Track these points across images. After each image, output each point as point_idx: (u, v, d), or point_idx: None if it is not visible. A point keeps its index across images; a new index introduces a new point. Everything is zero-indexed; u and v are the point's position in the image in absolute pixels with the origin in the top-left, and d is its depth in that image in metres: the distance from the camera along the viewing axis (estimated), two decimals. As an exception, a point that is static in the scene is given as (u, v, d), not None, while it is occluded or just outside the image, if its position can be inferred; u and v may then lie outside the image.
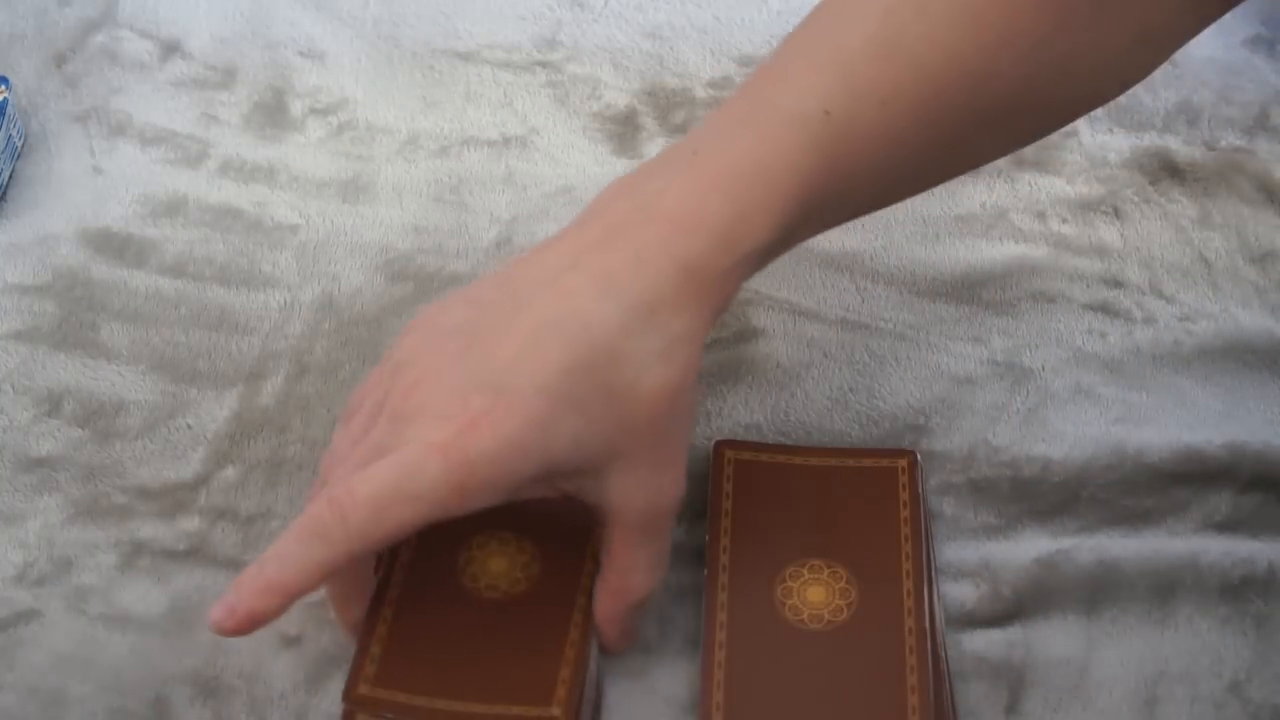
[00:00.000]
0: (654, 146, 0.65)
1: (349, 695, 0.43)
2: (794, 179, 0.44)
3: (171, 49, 0.68)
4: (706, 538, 0.51)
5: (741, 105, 0.46)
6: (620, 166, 0.64)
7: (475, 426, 0.41)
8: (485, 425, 0.41)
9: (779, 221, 0.44)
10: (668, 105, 0.67)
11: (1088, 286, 0.60)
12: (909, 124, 0.46)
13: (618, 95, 0.67)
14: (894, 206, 0.63)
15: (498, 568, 0.47)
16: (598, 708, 0.47)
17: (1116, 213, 0.63)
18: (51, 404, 0.55)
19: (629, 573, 0.46)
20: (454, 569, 0.47)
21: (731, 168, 0.44)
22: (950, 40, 0.46)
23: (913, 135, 0.46)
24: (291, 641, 0.49)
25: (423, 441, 0.41)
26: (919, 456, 0.53)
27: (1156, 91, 0.68)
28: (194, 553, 0.51)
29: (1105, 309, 0.60)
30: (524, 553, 0.47)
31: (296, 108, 0.66)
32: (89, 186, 0.63)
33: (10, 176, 0.63)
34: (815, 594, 0.48)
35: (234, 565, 0.51)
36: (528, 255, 0.45)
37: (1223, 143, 0.66)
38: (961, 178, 0.64)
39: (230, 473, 0.53)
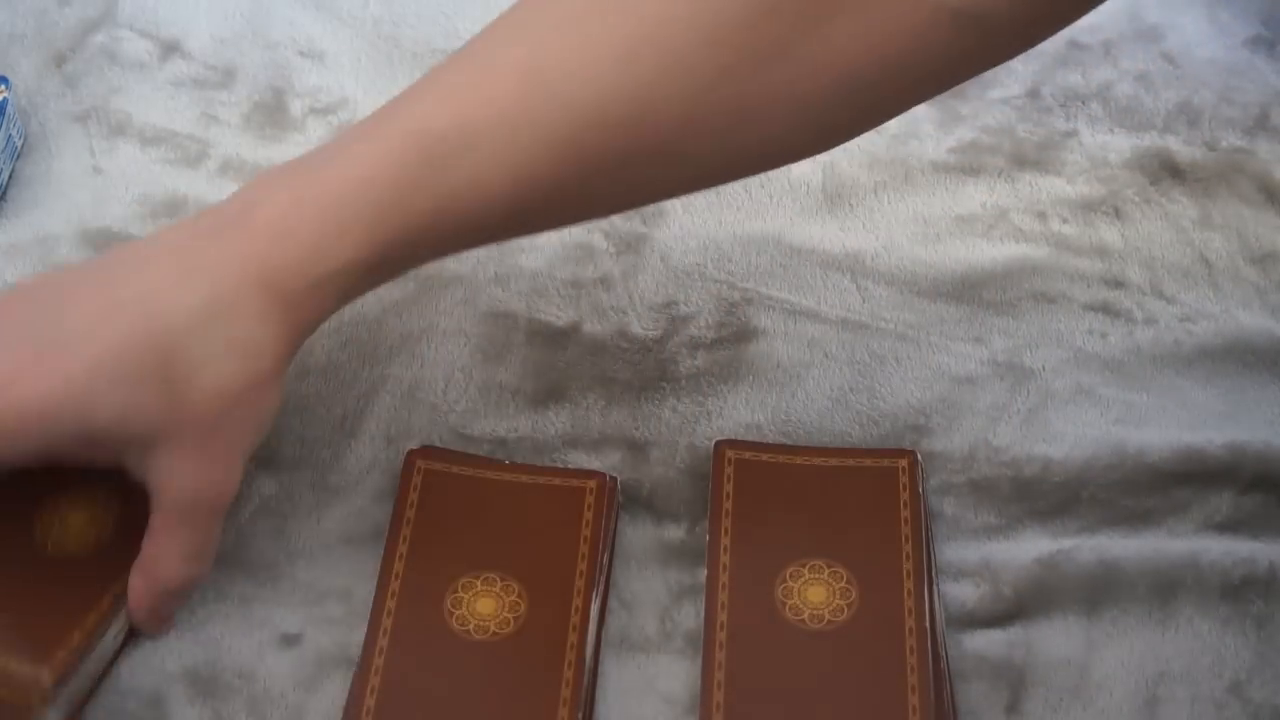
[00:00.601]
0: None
1: None
2: (396, 200, 0.43)
3: (171, 49, 0.68)
4: (707, 538, 0.51)
5: (372, 119, 0.46)
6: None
7: (16, 379, 0.41)
8: (26, 379, 0.41)
9: (371, 242, 0.43)
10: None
11: (1088, 287, 0.60)
12: (542, 155, 0.44)
13: (618, 95, 0.67)
14: (894, 206, 0.63)
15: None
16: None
17: (1117, 213, 0.63)
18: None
19: (161, 558, 0.46)
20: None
21: (334, 182, 0.43)
22: (599, 76, 0.44)
23: (544, 168, 0.44)
24: (291, 641, 0.49)
25: None
26: (919, 456, 0.53)
27: (1157, 92, 0.68)
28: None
29: (1106, 309, 0.60)
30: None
31: (296, 107, 0.66)
32: (89, 186, 0.63)
33: (10, 176, 0.63)
34: (816, 594, 0.48)
35: (231, 563, 0.51)
36: (166, 229, 0.46)
37: (1223, 143, 0.66)
38: (962, 177, 0.64)
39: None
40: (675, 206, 0.62)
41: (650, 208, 0.62)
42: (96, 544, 0.48)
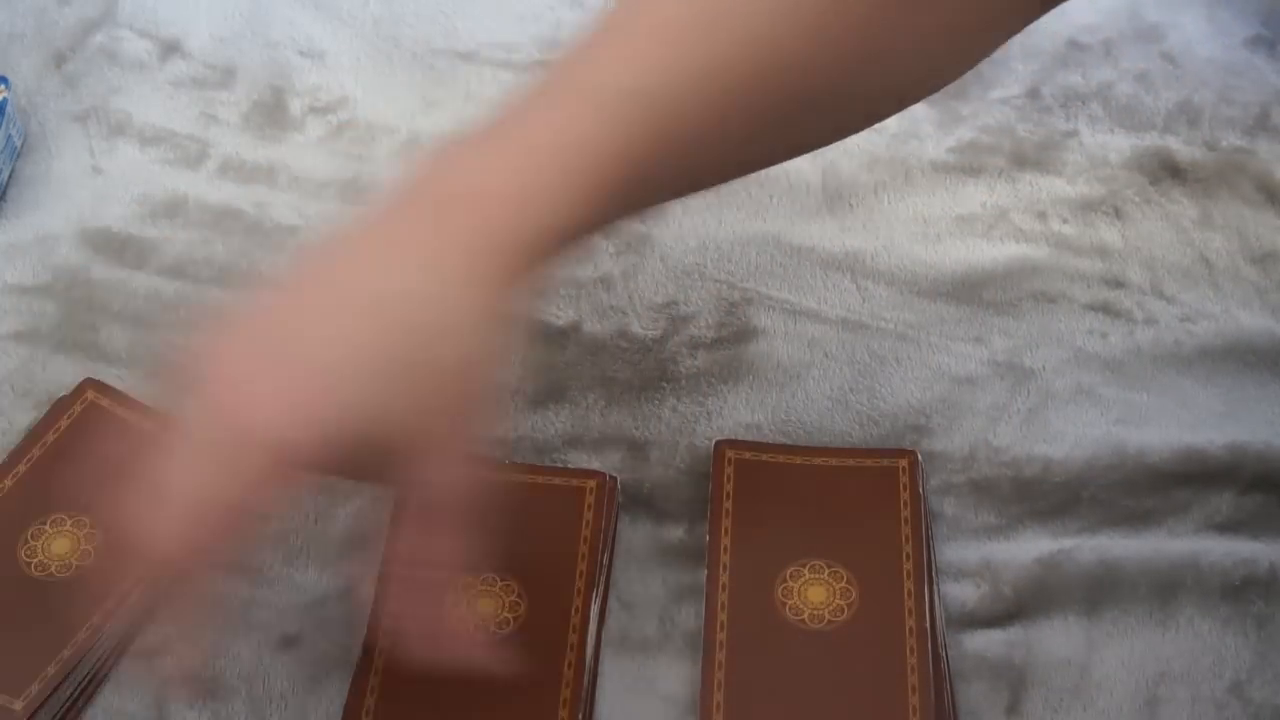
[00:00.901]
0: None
1: None
2: (599, 154, 0.43)
3: (171, 49, 0.68)
4: (707, 538, 0.50)
5: (554, 78, 0.45)
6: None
7: (265, 403, 0.40)
8: (287, 416, 0.40)
9: (582, 197, 0.43)
10: (668, 105, 0.67)
11: (1089, 287, 0.60)
12: (726, 104, 0.44)
13: (618, 95, 0.67)
14: (894, 206, 0.63)
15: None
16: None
17: (1117, 213, 0.63)
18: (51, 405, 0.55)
19: (424, 553, 0.43)
20: (15, 551, 0.48)
21: (536, 142, 0.43)
22: (773, 22, 0.44)
23: (730, 116, 0.45)
24: (291, 642, 0.49)
25: (226, 432, 0.40)
26: (920, 456, 0.53)
27: (1157, 92, 0.68)
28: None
29: (1106, 309, 0.60)
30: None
31: (296, 107, 0.66)
32: (89, 186, 0.63)
33: (10, 176, 0.63)
34: (816, 594, 0.48)
35: (233, 567, 0.50)
36: (338, 234, 0.44)
37: (1223, 143, 0.66)
38: (962, 177, 0.64)
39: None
40: (675, 206, 0.62)
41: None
42: (79, 569, 0.49)
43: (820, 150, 0.64)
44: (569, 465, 0.54)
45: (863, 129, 0.51)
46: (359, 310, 0.41)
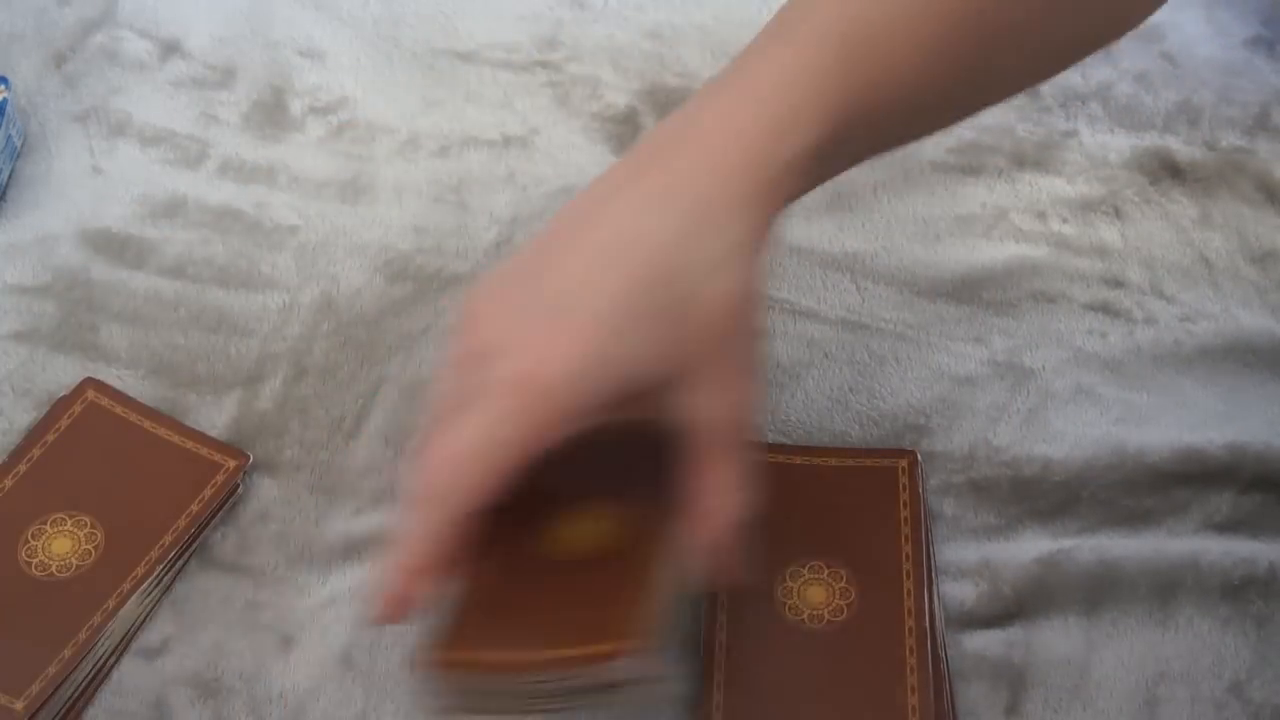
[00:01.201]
0: (654, 146, 0.65)
1: (429, 659, 0.42)
2: (826, 88, 0.44)
3: (171, 49, 0.68)
4: None
5: (777, 26, 0.46)
6: (620, 166, 0.64)
7: (542, 358, 0.41)
8: (552, 355, 0.40)
9: (816, 128, 0.44)
10: (668, 105, 0.67)
11: (1088, 286, 0.60)
12: (934, 43, 0.46)
13: (618, 95, 0.67)
14: (894, 206, 0.63)
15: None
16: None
17: (1117, 213, 0.63)
18: (51, 406, 0.55)
19: (714, 493, 0.44)
20: (15, 551, 0.49)
21: (766, 79, 0.44)
22: None
23: (938, 56, 0.46)
24: (292, 642, 0.49)
25: (496, 382, 0.41)
26: (920, 456, 0.53)
27: (1157, 92, 0.68)
28: (195, 555, 0.51)
29: (1106, 309, 0.60)
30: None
31: (296, 107, 0.66)
32: (89, 186, 0.63)
33: (10, 176, 0.63)
34: (815, 594, 0.48)
35: (232, 566, 0.51)
36: (598, 183, 0.45)
37: (1223, 143, 0.66)
38: (962, 177, 0.64)
39: (230, 473, 0.53)
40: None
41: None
42: (78, 569, 0.48)
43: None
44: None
45: (1056, 74, 0.53)
46: (624, 252, 0.42)
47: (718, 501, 0.43)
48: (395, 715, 0.47)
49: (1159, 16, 0.71)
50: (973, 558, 0.51)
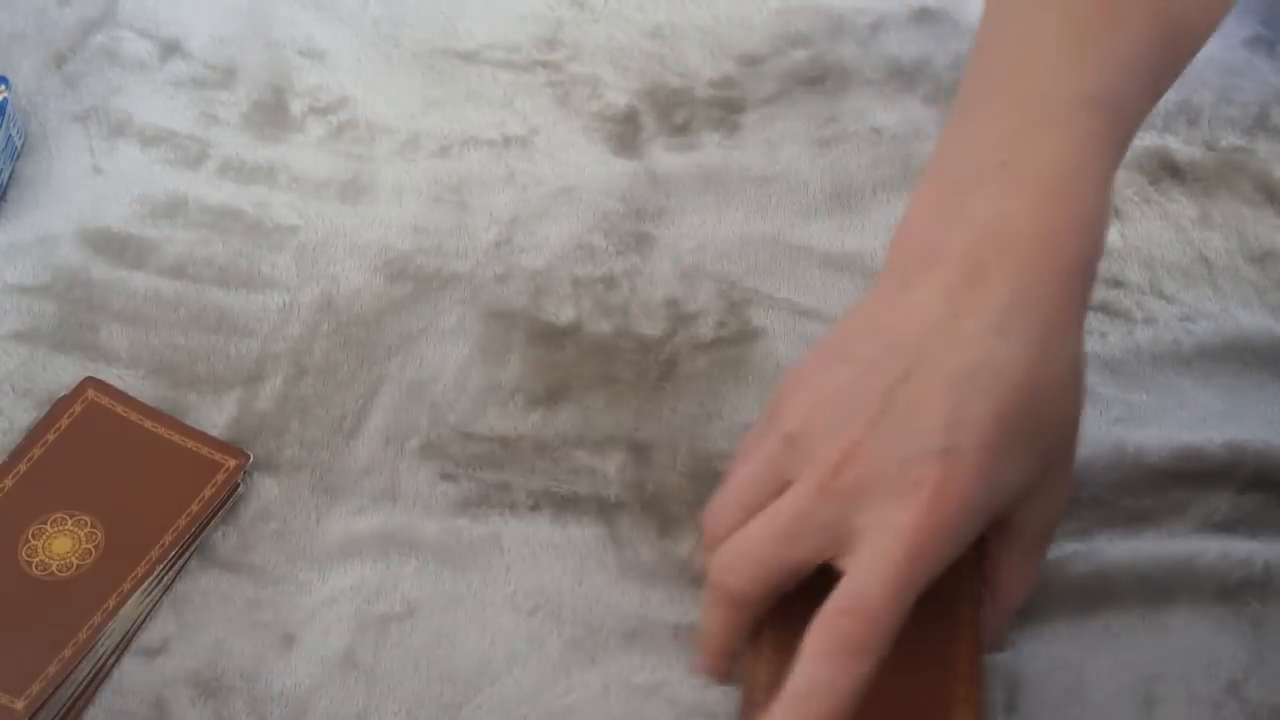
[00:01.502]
0: (655, 146, 0.65)
1: None
2: (1098, 164, 0.44)
3: (171, 49, 0.68)
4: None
5: (1017, 100, 0.45)
6: (620, 166, 0.64)
7: (939, 498, 0.40)
8: (948, 495, 0.40)
9: (1103, 217, 0.44)
10: (668, 105, 0.67)
11: (1088, 286, 0.60)
12: (1159, 92, 0.47)
13: (618, 95, 0.67)
14: (894, 206, 0.63)
15: (63, 547, 0.49)
16: None
17: (1117, 212, 0.63)
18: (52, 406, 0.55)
19: (1016, 580, 0.46)
20: (15, 551, 0.49)
21: (1048, 170, 0.43)
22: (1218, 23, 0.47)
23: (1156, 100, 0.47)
24: (292, 641, 0.49)
25: (892, 526, 0.40)
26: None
27: (1157, 91, 0.68)
28: (195, 554, 0.51)
29: (1105, 309, 0.60)
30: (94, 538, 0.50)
31: (296, 107, 0.66)
32: (89, 186, 0.63)
33: (10, 176, 0.63)
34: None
35: (233, 566, 0.51)
36: (883, 301, 0.44)
37: (1223, 143, 0.66)
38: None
39: (230, 473, 0.53)
40: (676, 206, 0.62)
41: (651, 207, 0.62)
42: (78, 569, 0.49)
43: (821, 150, 0.65)
44: (574, 464, 0.54)
45: None
46: (992, 383, 0.41)
47: (1020, 589, 0.46)
48: (397, 715, 0.47)
49: (1159, 16, 0.72)
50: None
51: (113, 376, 0.56)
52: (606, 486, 0.53)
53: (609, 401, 0.56)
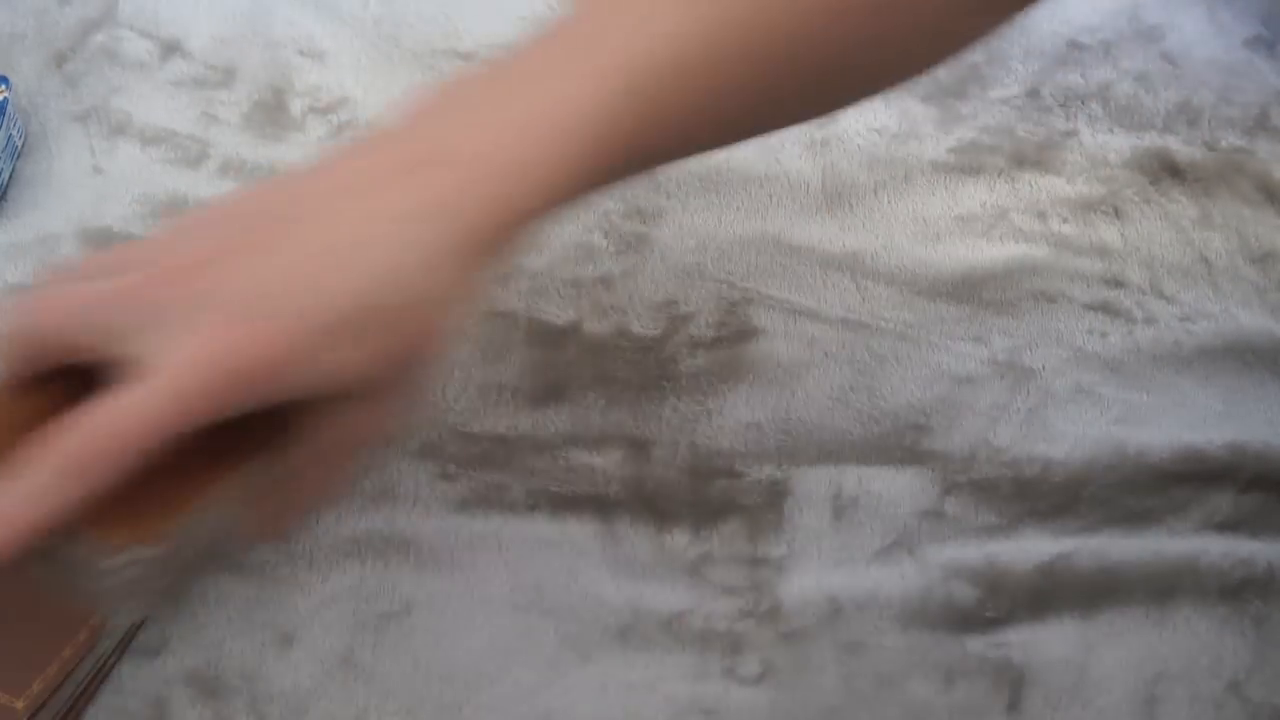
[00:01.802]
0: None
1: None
2: (599, 136, 0.42)
3: (171, 48, 0.68)
4: None
5: (561, 38, 0.43)
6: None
7: (232, 351, 0.38)
8: (244, 350, 0.38)
9: (572, 176, 0.42)
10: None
11: (1088, 286, 0.60)
12: (732, 76, 0.44)
13: (618, 95, 0.67)
14: (894, 206, 0.63)
15: None
16: None
17: (1117, 213, 0.63)
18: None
19: (310, 476, 0.43)
20: None
21: (537, 113, 0.42)
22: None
23: (734, 89, 0.44)
24: (292, 641, 0.49)
25: (177, 363, 0.37)
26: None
27: (1157, 92, 0.68)
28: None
29: (1106, 309, 0.60)
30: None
31: (296, 106, 0.66)
32: (89, 186, 0.63)
33: (10, 176, 0.63)
34: None
35: (231, 566, 0.51)
36: (337, 158, 0.42)
37: (1223, 143, 0.66)
38: (962, 177, 0.64)
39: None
40: (675, 206, 0.62)
41: (650, 206, 0.62)
42: None
43: (821, 150, 0.65)
44: (570, 463, 0.54)
45: (860, 101, 0.50)
46: (355, 264, 0.39)
47: (315, 485, 0.43)
48: (397, 714, 0.47)
49: (1159, 17, 0.72)
50: (974, 557, 0.51)
51: (112, 376, 0.56)
52: (606, 485, 0.53)
53: (608, 400, 0.56)
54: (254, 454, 0.42)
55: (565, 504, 0.53)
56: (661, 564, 0.51)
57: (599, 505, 0.53)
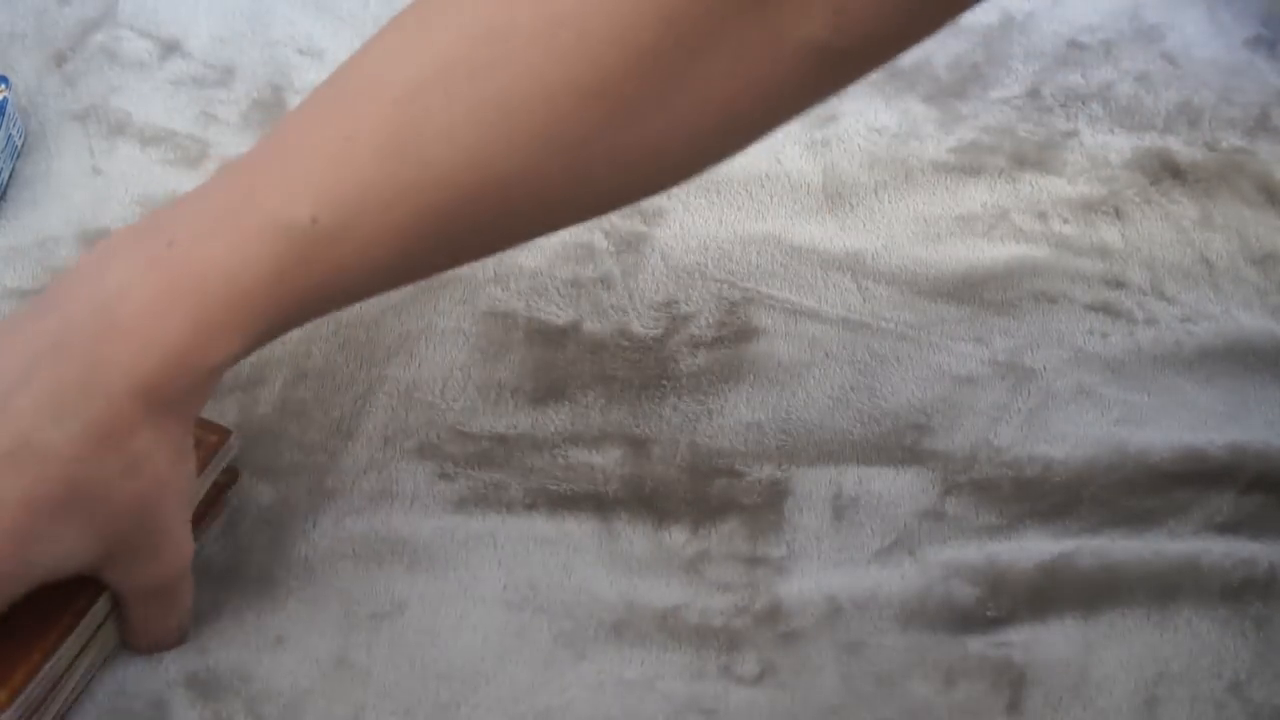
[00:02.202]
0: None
1: None
2: (270, 292, 0.41)
3: (171, 48, 0.68)
4: None
5: (225, 196, 0.42)
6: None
7: None
8: None
9: (248, 334, 0.42)
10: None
11: (1089, 287, 0.60)
12: (416, 226, 0.42)
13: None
14: (894, 206, 0.63)
15: None
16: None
17: (1118, 213, 0.63)
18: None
19: (148, 629, 0.47)
20: None
21: (200, 276, 0.41)
22: (475, 139, 0.41)
23: (420, 237, 0.42)
24: (290, 643, 0.49)
25: None
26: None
27: (1158, 92, 0.68)
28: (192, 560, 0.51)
29: (1107, 309, 0.60)
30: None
31: (294, 105, 0.66)
32: (88, 186, 0.63)
33: (10, 176, 0.63)
34: None
35: (231, 569, 0.50)
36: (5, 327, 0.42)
37: (1224, 144, 0.66)
38: (962, 177, 0.64)
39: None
40: (675, 206, 0.62)
41: (650, 206, 0.62)
42: None
43: (821, 150, 0.65)
44: (570, 463, 0.54)
45: (579, 223, 0.49)
46: (29, 465, 0.40)
47: (155, 632, 0.47)
48: (394, 713, 0.47)
49: (1160, 17, 0.72)
50: (974, 558, 0.51)
51: (111, 376, 0.55)
52: (605, 484, 0.53)
53: (608, 400, 0.55)
54: (85, 602, 0.45)
55: (563, 502, 0.53)
56: (658, 560, 0.51)
57: (597, 504, 0.53)
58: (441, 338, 0.57)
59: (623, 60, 0.41)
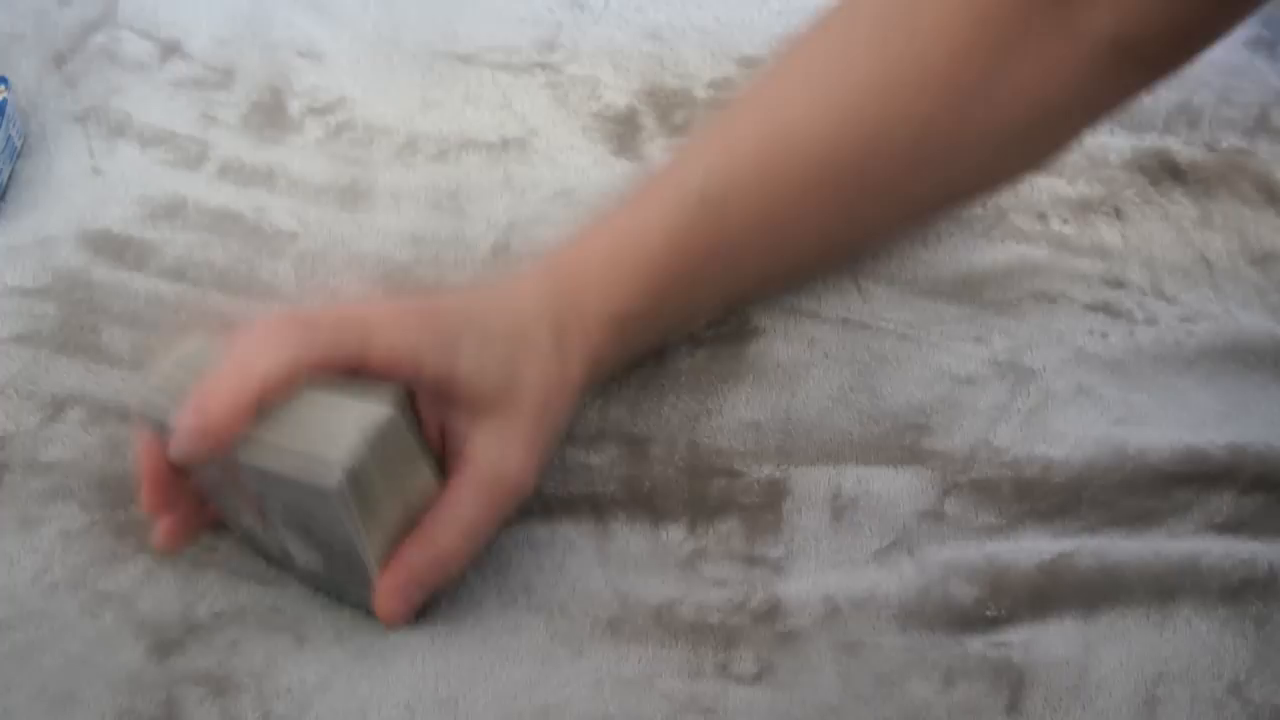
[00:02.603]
0: (654, 147, 0.65)
1: None
2: (666, 251, 0.50)
3: (171, 49, 0.68)
4: None
5: (649, 179, 0.52)
6: (620, 167, 0.64)
7: (395, 322, 0.46)
8: (406, 323, 0.46)
9: (646, 288, 0.51)
10: (668, 105, 0.67)
11: (1089, 287, 0.60)
12: (785, 202, 0.51)
13: (618, 95, 0.67)
14: (895, 206, 0.63)
15: None
16: None
17: (1117, 213, 0.63)
18: (56, 409, 0.55)
19: (444, 527, 0.47)
20: None
21: (617, 234, 0.51)
22: (830, 130, 0.51)
23: (792, 217, 0.52)
24: (300, 640, 0.49)
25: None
26: None
27: (1157, 92, 0.68)
28: (197, 555, 0.51)
29: (1106, 309, 0.60)
30: None
31: (294, 107, 0.66)
32: (88, 187, 0.63)
33: (10, 177, 0.63)
34: None
35: (238, 567, 0.51)
36: (507, 279, 0.51)
37: (1223, 144, 0.66)
38: (962, 178, 0.64)
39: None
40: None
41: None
42: None
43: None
44: (566, 462, 0.54)
45: (944, 213, 0.59)
46: (483, 295, 0.50)
47: (445, 536, 0.48)
48: (397, 708, 0.47)
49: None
50: (974, 558, 0.51)
51: (116, 379, 0.55)
52: (603, 484, 0.53)
53: (606, 399, 0.56)
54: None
55: (559, 504, 0.53)
56: (654, 558, 0.51)
57: (594, 504, 0.53)
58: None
59: (946, 57, 0.50)
